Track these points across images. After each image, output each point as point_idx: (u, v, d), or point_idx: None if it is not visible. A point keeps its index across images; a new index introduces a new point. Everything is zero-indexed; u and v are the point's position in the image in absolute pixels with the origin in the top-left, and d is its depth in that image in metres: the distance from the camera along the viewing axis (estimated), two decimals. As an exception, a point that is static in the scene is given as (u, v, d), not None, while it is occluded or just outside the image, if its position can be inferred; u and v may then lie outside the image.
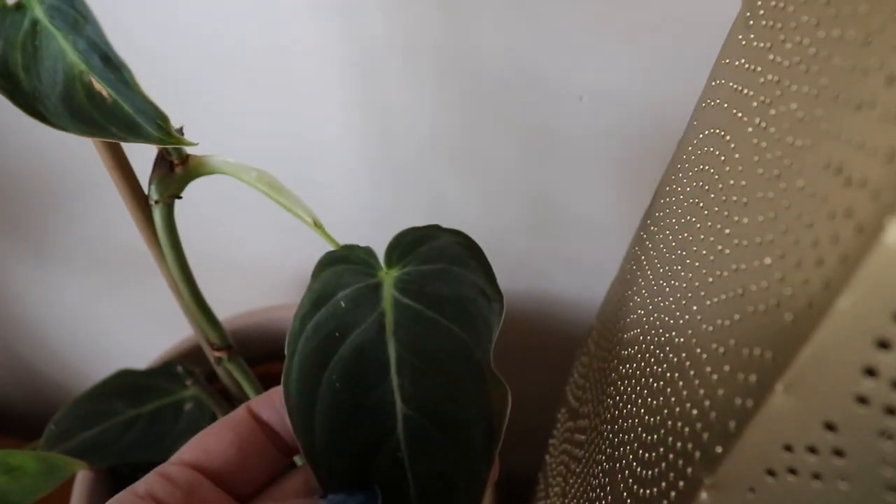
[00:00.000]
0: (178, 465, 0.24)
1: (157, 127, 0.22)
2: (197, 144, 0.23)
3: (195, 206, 0.37)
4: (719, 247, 0.21)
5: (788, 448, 0.17)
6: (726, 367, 0.19)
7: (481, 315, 0.24)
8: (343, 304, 0.24)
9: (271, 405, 0.25)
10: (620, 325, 0.30)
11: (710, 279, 0.21)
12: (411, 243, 0.27)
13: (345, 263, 0.26)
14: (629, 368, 0.28)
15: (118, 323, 0.71)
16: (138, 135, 0.22)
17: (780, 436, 0.16)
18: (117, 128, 0.22)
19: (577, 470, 0.33)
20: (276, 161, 0.32)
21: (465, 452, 0.22)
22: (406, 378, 0.23)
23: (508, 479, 0.59)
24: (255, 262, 0.59)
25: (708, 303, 0.21)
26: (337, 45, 0.40)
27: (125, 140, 0.23)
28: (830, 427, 0.16)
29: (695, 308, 0.22)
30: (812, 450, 0.16)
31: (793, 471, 0.17)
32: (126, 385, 0.46)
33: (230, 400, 0.42)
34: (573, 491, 0.33)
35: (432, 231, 0.27)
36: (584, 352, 0.38)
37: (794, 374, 0.16)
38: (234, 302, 0.51)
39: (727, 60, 0.25)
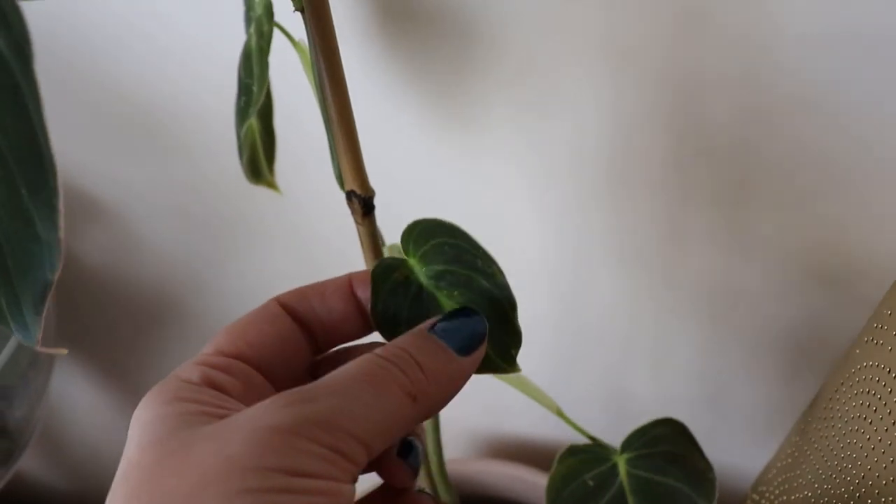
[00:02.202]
0: (222, 355, 0.22)
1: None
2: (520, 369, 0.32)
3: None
4: (882, 451, 0.30)
5: None
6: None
7: (700, 476, 0.34)
8: (591, 482, 0.34)
9: (306, 301, 0.24)
10: (785, 500, 0.38)
11: (877, 474, 0.30)
12: (636, 435, 0.37)
13: (584, 454, 0.36)
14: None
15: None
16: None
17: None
18: None
19: None
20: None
21: None
22: None
23: None
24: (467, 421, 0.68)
25: (884, 482, 0.29)
26: (554, 235, 0.51)
27: None
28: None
29: (864, 490, 0.30)
30: None
31: None
32: None
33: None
34: None
35: (653, 427, 0.38)
36: (739, 518, 0.46)
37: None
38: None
39: (889, 312, 0.34)
